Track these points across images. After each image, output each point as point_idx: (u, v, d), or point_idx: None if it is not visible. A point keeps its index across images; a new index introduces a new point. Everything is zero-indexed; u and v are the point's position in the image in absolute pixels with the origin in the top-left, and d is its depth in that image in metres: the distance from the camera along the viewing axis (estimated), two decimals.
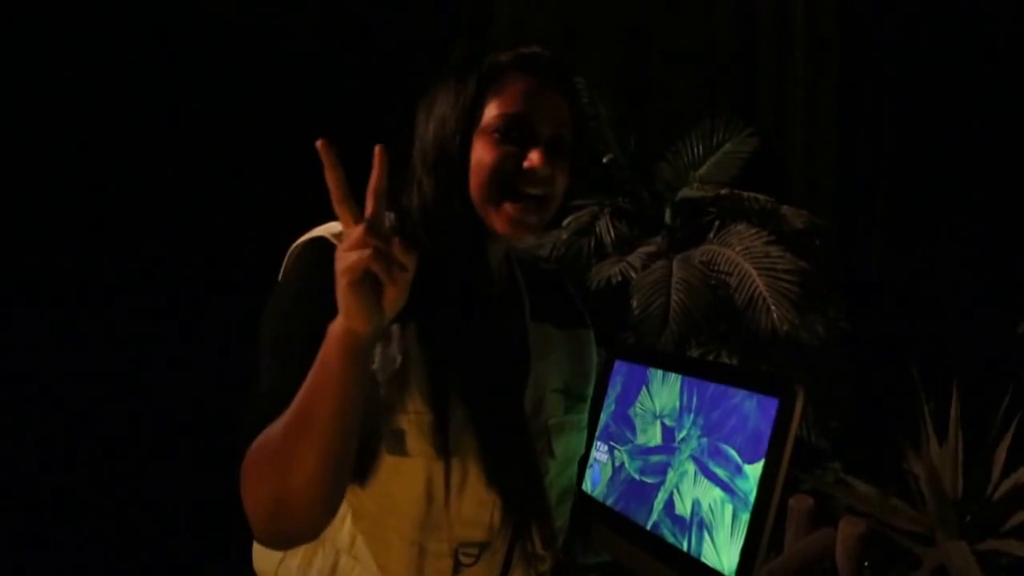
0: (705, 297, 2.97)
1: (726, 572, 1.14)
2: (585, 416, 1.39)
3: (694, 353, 3.00)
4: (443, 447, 1.13)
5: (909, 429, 2.71)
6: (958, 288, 3.73)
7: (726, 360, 2.98)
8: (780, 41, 3.95)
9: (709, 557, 1.17)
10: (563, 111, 1.19)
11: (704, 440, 1.23)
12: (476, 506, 1.17)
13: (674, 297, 2.92)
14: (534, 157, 1.15)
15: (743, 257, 3.03)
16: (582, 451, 1.39)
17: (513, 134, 1.15)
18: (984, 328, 3.58)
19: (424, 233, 1.18)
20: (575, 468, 1.37)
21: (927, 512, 2.48)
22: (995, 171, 3.73)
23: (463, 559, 1.18)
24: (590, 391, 1.40)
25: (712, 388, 1.26)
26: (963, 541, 2.30)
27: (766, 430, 1.13)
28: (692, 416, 1.27)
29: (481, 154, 1.16)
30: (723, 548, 1.15)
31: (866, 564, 2.37)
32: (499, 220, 1.17)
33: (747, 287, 2.96)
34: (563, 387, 1.31)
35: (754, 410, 1.16)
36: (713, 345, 3.05)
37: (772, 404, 1.13)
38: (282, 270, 1.21)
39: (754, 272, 2.97)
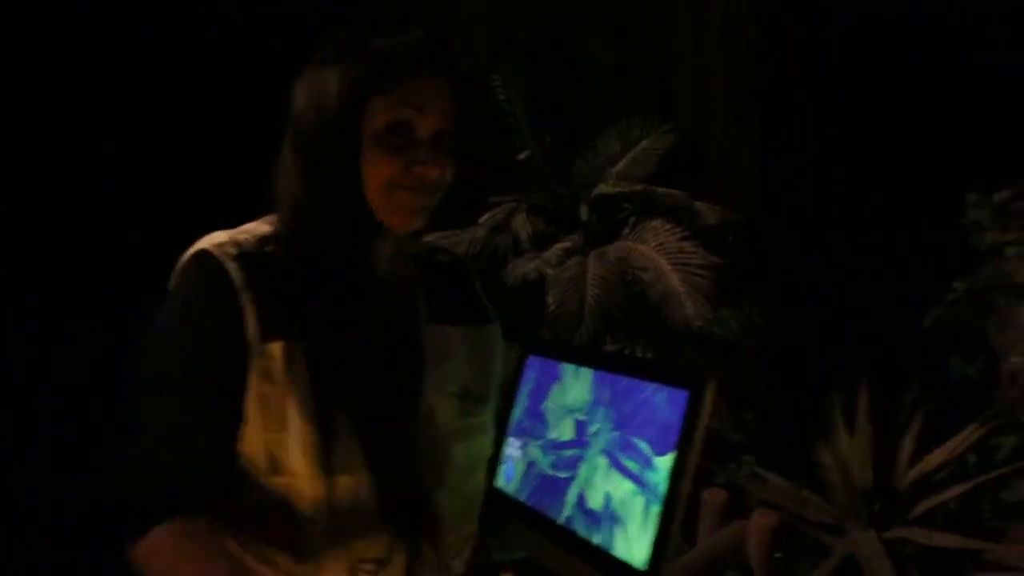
0: (620, 293, 2.99)
1: (637, 565, 1.13)
2: (488, 417, 1.35)
3: (610, 348, 3.01)
4: (329, 465, 1.09)
5: (821, 422, 2.76)
6: (868, 283, 3.83)
7: (641, 355, 3.00)
8: (697, 39, 4.00)
9: (620, 550, 1.16)
10: (449, 102, 1.15)
11: (615, 434, 1.22)
12: (369, 522, 1.14)
13: (589, 293, 2.93)
14: (423, 164, 1.11)
15: (658, 253, 3.05)
16: (487, 454, 1.36)
17: (401, 131, 1.11)
18: (893, 322, 3.67)
19: (302, 231, 1.13)
20: (482, 473, 1.34)
21: (837, 503, 2.53)
22: (909, 168, 3.83)
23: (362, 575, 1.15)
24: (493, 391, 1.37)
25: (624, 382, 1.25)
26: (871, 530, 2.35)
27: (676, 422, 1.12)
28: (604, 410, 1.27)
29: (368, 156, 1.11)
30: (634, 541, 1.15)
31: (777, 555, 2.42)
32: (391, 212, 1.14)
33: (662, 282, 2.99)
34: (462, 391, 1.27)
35: (664, 403, 1.15)
36: (629, 341, 3.07)
37: (682, 396, 1.12)
38: (171, 285, 1.14)
39: (668, 267, 3.00)
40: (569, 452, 1.31)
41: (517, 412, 1.46)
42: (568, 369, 1.38)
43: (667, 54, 4.08)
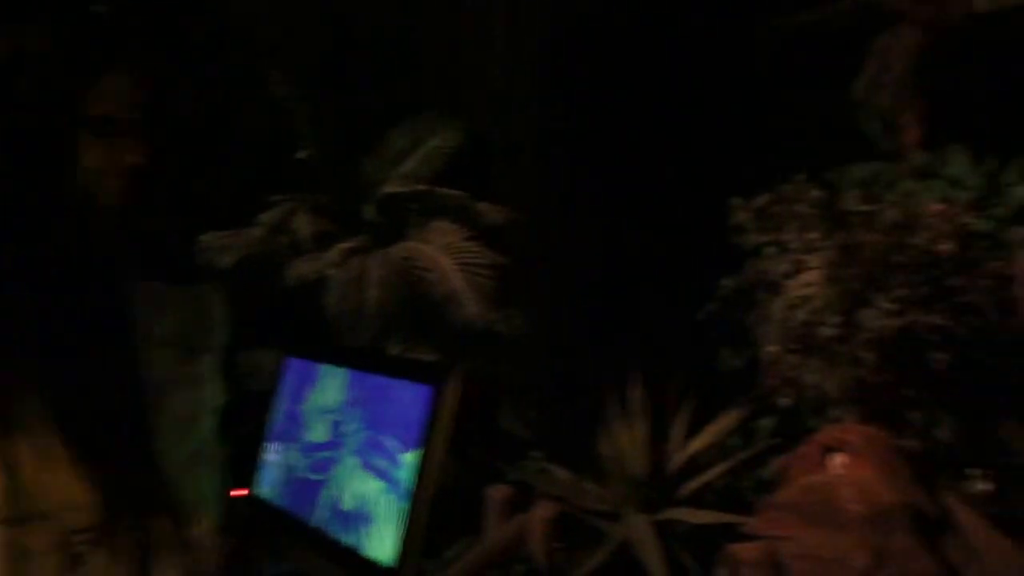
0: (403, 293, 2.98)
1: (385, 562, 1.13)
2: (208, 368, 1.33)
3: (394, 350, 2.99)
4: (6, 423, 1.04)
5: (602, 415, 2.87)
6: (647, 281, 3.99)
7: (426, 356, 3.00)
8: (482, 35, 4.01)
9: (370, 549, 1.16)
10: (141, 90, 1.15)
11: (366, 433, 1.23)
12: (70, 484, 1.08)
13: (372, 294, 2.90)
14: (121, 151, 1.13)
15: (442, 253, 3.07)
16: (208, 404, 1.33)
17: (102, 118, 1.12)
18: (671, 318, 3.84)
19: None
20: (204, 425, 1.31)
21: (614, 491, 2.63)
22: (685, 172, 4.00)
23: (79, 548, 1.08)
24: (212, 342, 1.36)
25: (375, 380, 1.25)
26: (643, 514, 2.47)
27: (420, 418, 1.13)
28: (356, 409, 1.26)
29: (82, 146, 1.10)
30: (384, 539, 1.15)
31: (557, 545, 2.49)
32: (93, 189, 1.13)
33: (445, 283, 3.00)
34: (176, 340, 1.26)
35: (410, 399, 1.16)
36: (412, 342, 3.06)
37: (425, 392, 1.14)
38: None
39: (453, 267, 3.02)
40: (323, 454, 1.30)
41: (276, 416, 1.44)
42: (325, 370, 1.37)
43: (455, 50, 4.08)
